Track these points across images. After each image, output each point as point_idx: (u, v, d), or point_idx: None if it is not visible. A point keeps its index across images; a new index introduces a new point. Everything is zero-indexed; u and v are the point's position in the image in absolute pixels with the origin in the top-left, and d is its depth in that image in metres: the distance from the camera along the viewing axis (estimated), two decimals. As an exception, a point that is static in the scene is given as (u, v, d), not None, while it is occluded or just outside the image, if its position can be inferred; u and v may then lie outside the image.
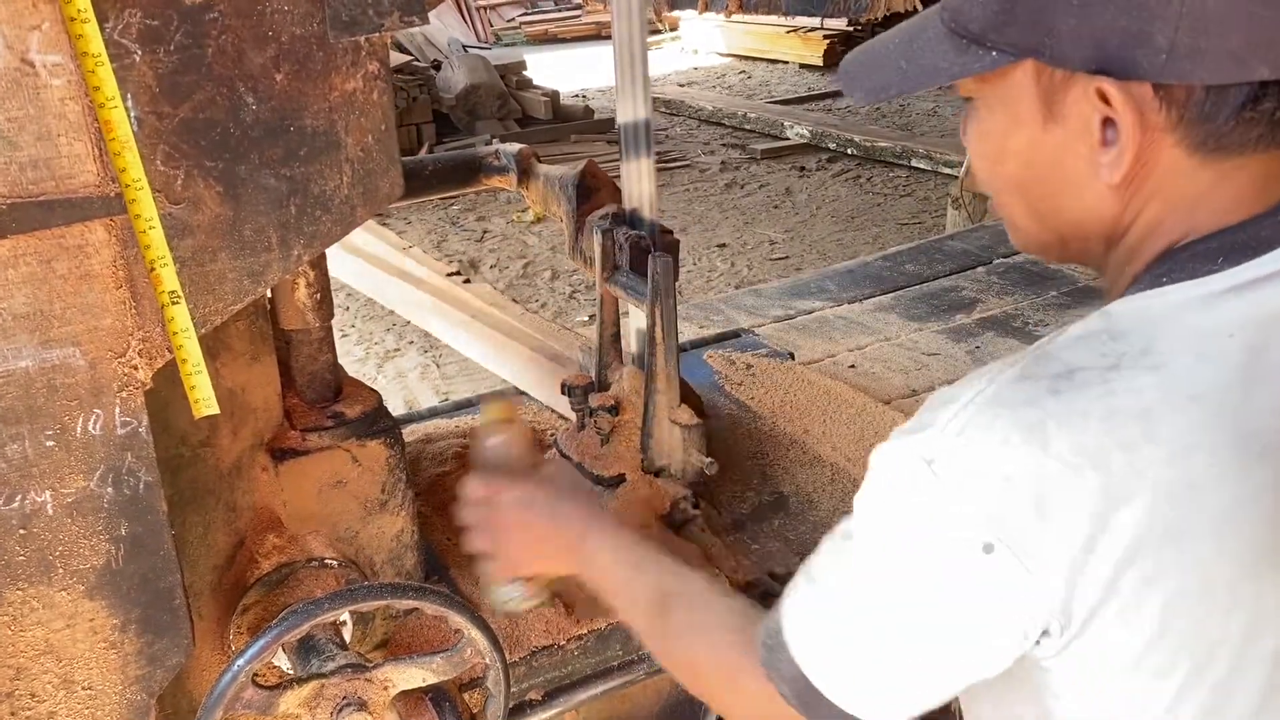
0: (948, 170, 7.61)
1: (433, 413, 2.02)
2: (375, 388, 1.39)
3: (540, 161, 1.81)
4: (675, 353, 1.52)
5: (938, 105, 10.43)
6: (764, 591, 1.43)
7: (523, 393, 2.16)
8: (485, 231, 7.02)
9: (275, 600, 1.22)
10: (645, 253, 1.53)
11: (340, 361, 1.38)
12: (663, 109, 10.35)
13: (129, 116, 0.91)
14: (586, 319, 5.41)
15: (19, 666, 1.02)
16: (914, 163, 8.23)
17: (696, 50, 13.42)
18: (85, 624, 1.03)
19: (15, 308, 0.92)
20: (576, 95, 10.55)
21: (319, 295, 1.24)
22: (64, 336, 0.95)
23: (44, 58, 0.87)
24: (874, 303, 2.69)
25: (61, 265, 0.93)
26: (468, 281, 2.97)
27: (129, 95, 0.91)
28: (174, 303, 0.97)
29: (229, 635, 1.25)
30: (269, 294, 1.26)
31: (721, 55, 13.16)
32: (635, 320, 1.65)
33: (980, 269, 2.88)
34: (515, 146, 1.81)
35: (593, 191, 1.69)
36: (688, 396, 1.58)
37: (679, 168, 8.61)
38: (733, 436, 1.89)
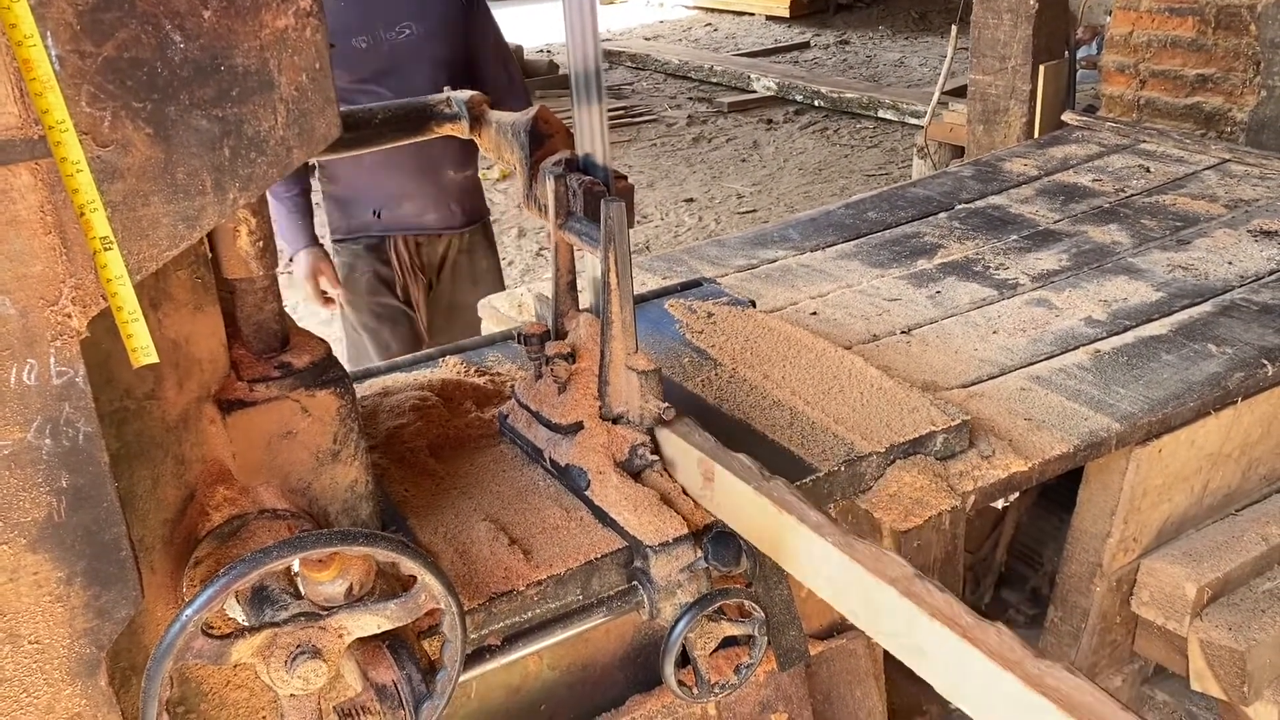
0: (914, 120, 7.60)
1: (391, 366, 2.00)
2: (327, 339, 1.37)
3: (492, 108, 1.78)
4: (630, 298, 1.51)
5: (904, 56, 10.40)
6: (718, 533, 1.43)
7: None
8: (450, 190, 6.94)
9: (227, 552, 1.21)
10: (599, 198, 1.51)
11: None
12: (629, 63, 10.26)
13: (49, 55, 0.88)
14: (553, 275, 5.38)
15: (-38, 622, 1.01)
16: (881, 113, 8.22)
17: (662, 3, 13.28)
18: (29, 577, 1.02)
19: (-61, 255, 0.90)
20: (541, 51, 10.42)
21: (261, 243, 1.22)
22: (-8, 284, 0.92)
23: (-45, -6, 0.84)
24: (836, 250, 2.69)
25: (-15, 211, 0.91)
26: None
27: (48, 33, 0.88)
28: (106, 249, 0.95)
29: (182, 589, 1.24)
30: (211, 242, 1.24)
31: (687, 8, 13.03)
32: (591, 268, 1.64)
33: (942, 215, 2.88)
34: (466, 93, 1.78)
35: (545, 137, 1.67)
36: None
37: (645, 122, 8.55)
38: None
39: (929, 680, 1.16)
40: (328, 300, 3.12)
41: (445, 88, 1.81)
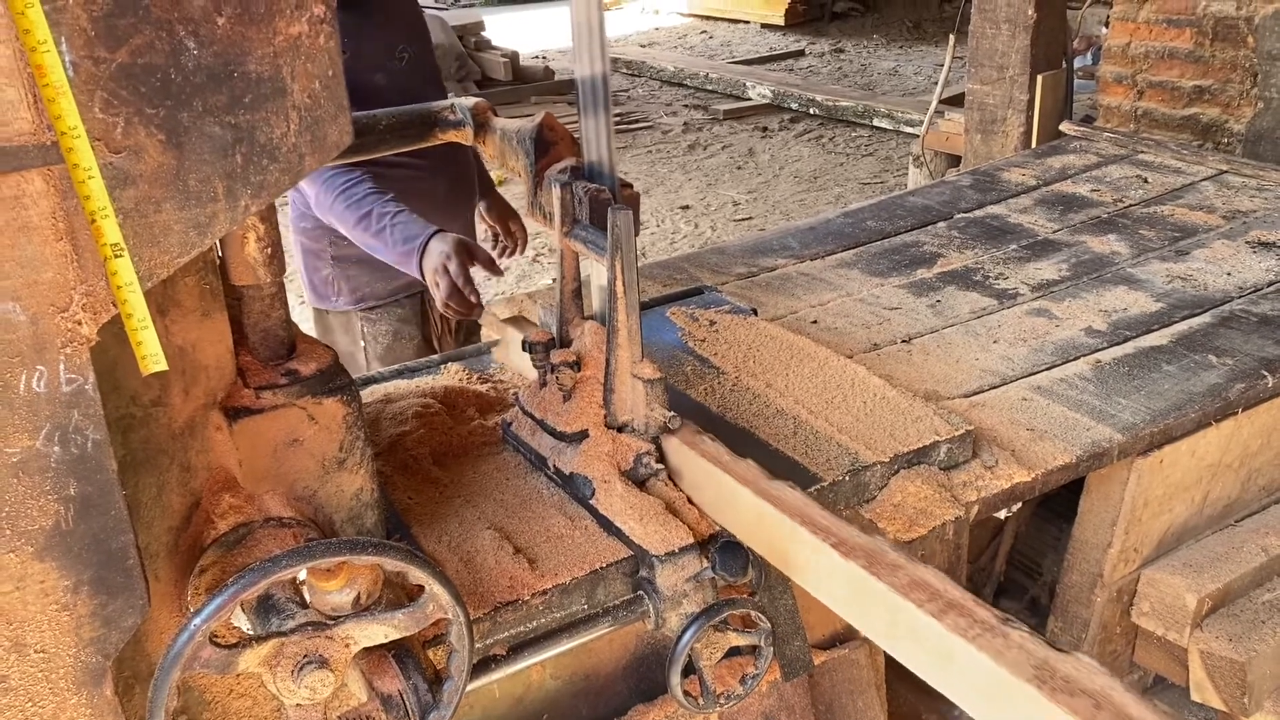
0: (909, 129, 7.62)
1: (393, 373, 1.99)
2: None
3: (496, 115, 1.78)
4: (636, 307, 1.51)
5: (899, 65, 10.43)
6: (725, 542, 1.43)
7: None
8: (446, 195, 6.94)
9: (233, 560, 1.20)
10: (605, 206, 1.51)
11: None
12: (624, 70, 10.27)
13: (63, 61, 0.88)
14: (551, 281, 5.38)
15: (-32, 630, 1.00)
16: (876, 122, 8.24)
17: (658, 10, 13.31)
18: (35, 586, 1.01)
19: (-50, 261, 0.89)
20: (536, 56, 10.43)
21: (270, 250, 1.21)
22: (2, 291, 0.92)
23: (-30, -1, 0.83)
24: (836, 259, 2.69)
25: (-3, 217, 0.90)
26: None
27: (62, 39, 0.87)
28: (117, 256, 0.94)
29: (187, 597, 1.23)
30: (219, 249, 1.23)
31: (683, 15, 13.05)
32: (596, 276, 1.63)
33: (941, 224, 2.88)
34: (471, 100, 1.78)
35: (551, 145, 1.67)
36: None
37: (641, 129, 8.56)
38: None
39: (729, 525, 1.47)
40: (467, 304, 2.39)
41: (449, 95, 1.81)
